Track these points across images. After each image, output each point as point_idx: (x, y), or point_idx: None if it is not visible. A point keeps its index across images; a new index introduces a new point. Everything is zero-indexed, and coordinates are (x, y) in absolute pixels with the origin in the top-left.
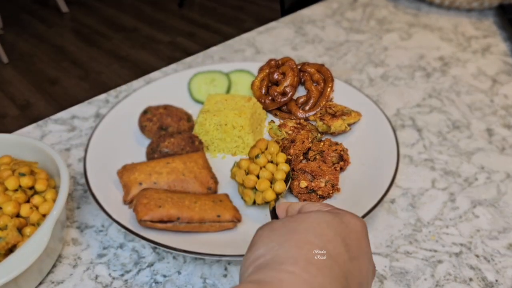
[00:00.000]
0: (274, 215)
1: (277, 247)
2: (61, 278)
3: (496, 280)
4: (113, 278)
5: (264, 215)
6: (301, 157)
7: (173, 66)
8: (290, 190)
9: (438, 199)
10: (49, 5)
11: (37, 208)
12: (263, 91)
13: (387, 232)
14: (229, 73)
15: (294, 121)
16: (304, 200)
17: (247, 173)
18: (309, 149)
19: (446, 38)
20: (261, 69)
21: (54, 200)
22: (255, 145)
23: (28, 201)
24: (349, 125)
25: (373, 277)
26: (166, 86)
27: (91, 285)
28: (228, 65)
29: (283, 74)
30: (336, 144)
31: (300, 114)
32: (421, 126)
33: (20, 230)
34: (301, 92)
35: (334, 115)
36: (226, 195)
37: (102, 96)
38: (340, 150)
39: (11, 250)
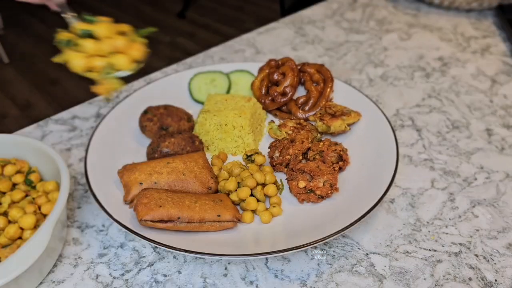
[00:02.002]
0: None
1: None
2: (62, 278)
3: (496, 280)
4: (114, 278)
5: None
6: (301, 157)
7: (173, 66)
8: (289, 189)
9: (437, 199)
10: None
11: (39, 208)
12: (263, 91)
13: (387, 232)
14: (229, 73)
15: (294, 121)
16: (303, 200)
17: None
18: (308, 149)
19: (445, 38)
20: (261, 69)
21: (55, 200)
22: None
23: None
24: (349, 125)
25: None
26: (167, 86)
27: (91, 284)
28: (228, 65)
29: (283, 74)
30: (336, 144)
31: (300, 114)
32: (421, 126)
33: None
34: (301, 92)
35: (334, 115)
36: (226, 195)
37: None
38: (340, 150)
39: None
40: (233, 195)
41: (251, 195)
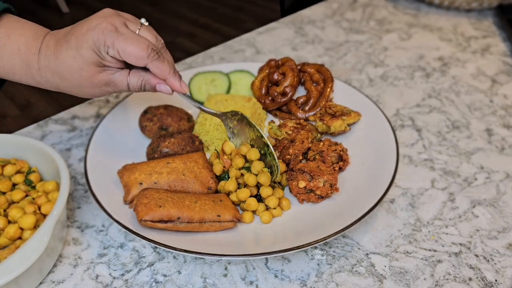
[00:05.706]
0: None
1: None
2: (62, 278)
3: (496, 280)
4: (114, 278)
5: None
6: (301, 157)
7: None
8: (289, 189)
9: (437, 199)
10: (50, 5)
11: (39, 208)
12: (263, 91)
13: (387, 232)
14: (229, 73)
15: (294, 121)
16: (303, 200)
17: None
18: (308, 149)
19: (445, 38)
20: (261, 69)
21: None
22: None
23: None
24: (349, 125)
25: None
26: None
27: (91, 284)
28: (228, 65)
29: (283, 74)
30: (336, 144)
31: (300, 114)
32: (421, 126)
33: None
34: (301, 92)
35: (333, 115)
36: (226, 195)
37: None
38: (340, 150)
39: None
40: (233, 196)
41: (251, 195)
